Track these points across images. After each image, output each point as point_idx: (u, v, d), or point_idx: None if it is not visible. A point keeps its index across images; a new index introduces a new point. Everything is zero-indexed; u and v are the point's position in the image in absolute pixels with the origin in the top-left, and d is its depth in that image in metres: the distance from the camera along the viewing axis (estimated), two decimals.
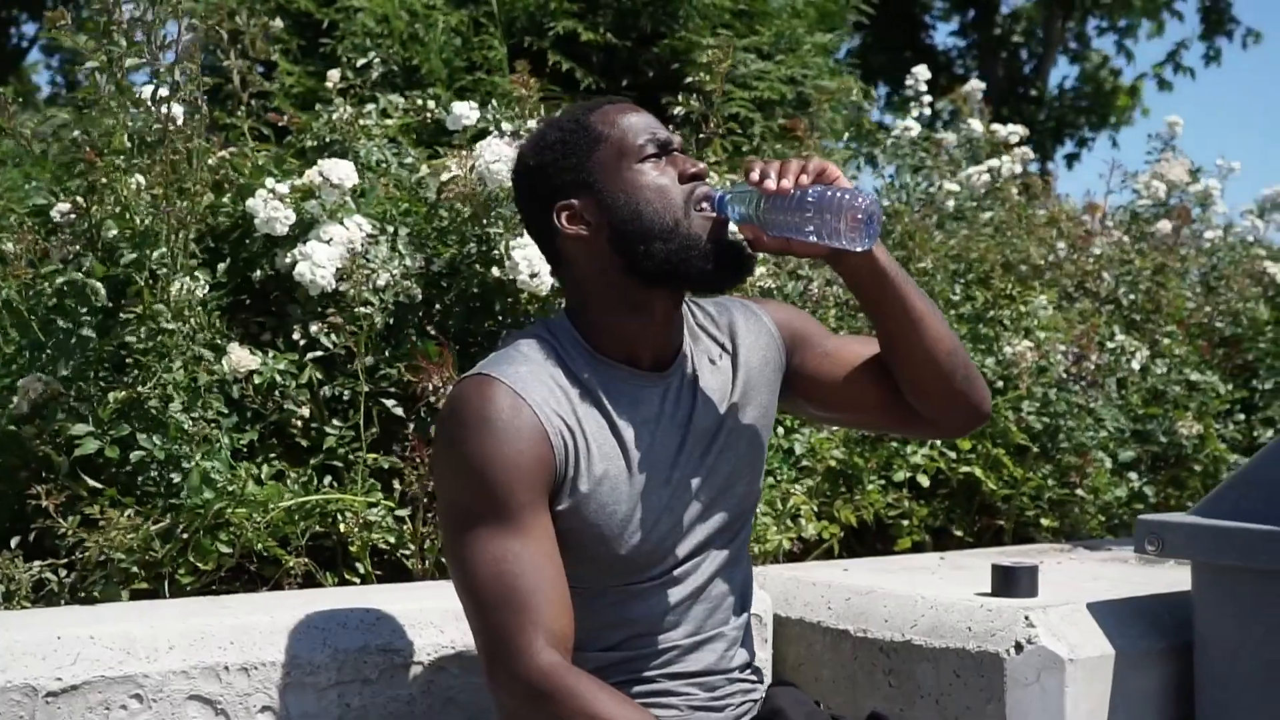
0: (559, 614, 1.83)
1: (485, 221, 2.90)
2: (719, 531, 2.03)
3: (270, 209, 2.73)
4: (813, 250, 1.91)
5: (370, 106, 3.54)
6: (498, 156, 2.80)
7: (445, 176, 2.92)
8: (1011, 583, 2.69)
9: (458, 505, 1.87)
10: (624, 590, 1.96)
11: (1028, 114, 14.55)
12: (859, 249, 1.86)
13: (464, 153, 2.96)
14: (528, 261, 2.84)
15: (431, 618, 2.41)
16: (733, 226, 1.96)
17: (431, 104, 3.72)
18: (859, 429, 3.44)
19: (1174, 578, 2.91)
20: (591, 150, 1.94)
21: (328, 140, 3.45)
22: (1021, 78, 15.75)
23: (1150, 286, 4.80)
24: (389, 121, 3.55)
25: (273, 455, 2.80)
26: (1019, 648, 2.51)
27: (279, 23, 3.82)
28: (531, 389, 1.88)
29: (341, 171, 2.84)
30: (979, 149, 5.35)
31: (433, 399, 2.68)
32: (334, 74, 3.61)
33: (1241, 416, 4.59)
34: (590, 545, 1.91)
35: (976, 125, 5.42)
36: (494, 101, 3.27)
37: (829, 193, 1.85)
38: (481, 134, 3.13)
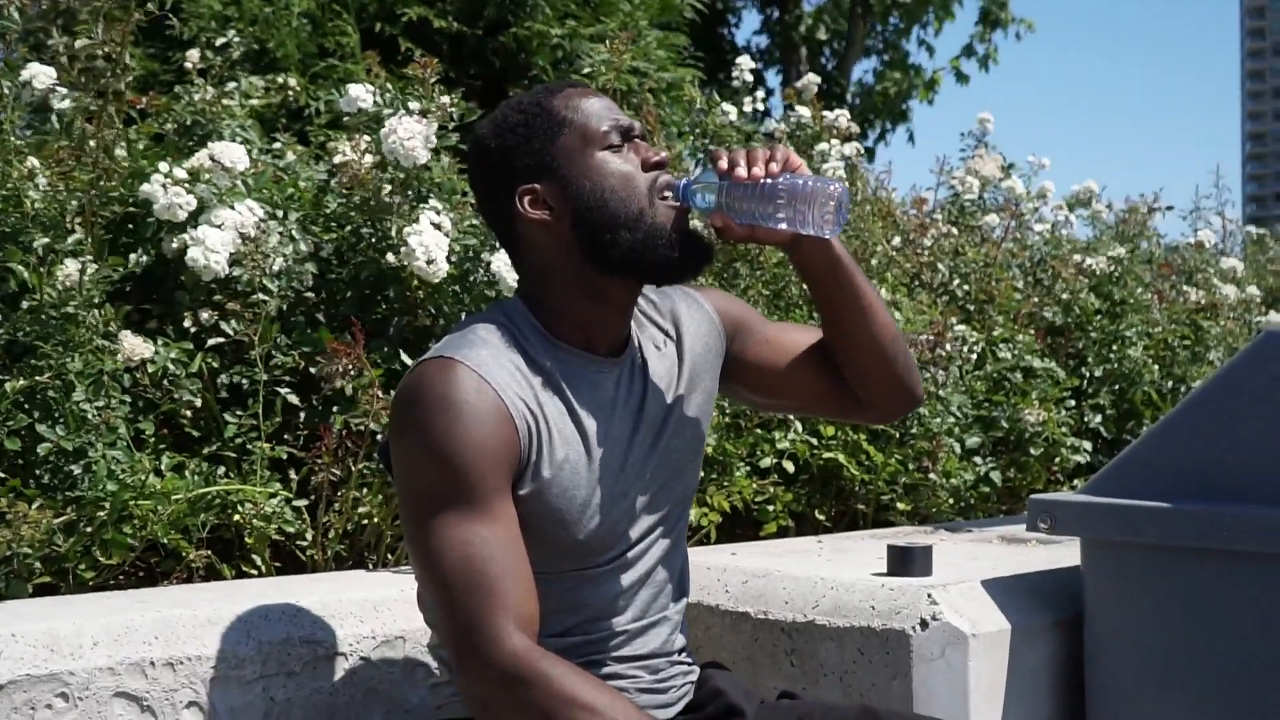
0: (527, 598, 1.82)
1: (377, 205, 2.86)
2: (665, 516, 2.05)
3: (171, 194, 2.65)
4: (776, 238, 1.94)
5: (232, 85, 3.46)
6: (411, 134, 2.76)
7: (339, 159, 2.86)
8: (908, 562, 2.76)
9: (422, 490, 1.84)
10: (578, 575, 1.97)
11: (818, 107, 14.80)
12: (828, 235, 1.90)
13: (360, 136, 2.91)
14: (424, 248, 2.81)
15: (350, 608, 2.38)
16: (695, 215, 1.98)
17: (294, 84, 3.65)
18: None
19: (1048, 555, 3.04)
20: (555, 135, 1.93)
21: (189, 123, 3.36)
22: (825, 75, 16.09)
23: (982, 278, 4.98)
24: (253, 102, 3.47)
25: (162, 446, 2.72)
26: (924, 624, 2.58)
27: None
28: (494, 372, 1.87)
29: (233, 154, 2.77)
30: (809, 138, 5.44)
31: (340, 383, 2.64)
32: (193, 54, 3.51)
33: (1072, 403, 4.79)
34: (550, 530, 1.91)
35: (805, 111, 5.50)
36: (388, 84, 3.22)
37: (800, 181, 1.88)
38: (373, 119, 3.09)
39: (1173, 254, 6.34)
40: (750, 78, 5.41)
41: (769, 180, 1.88)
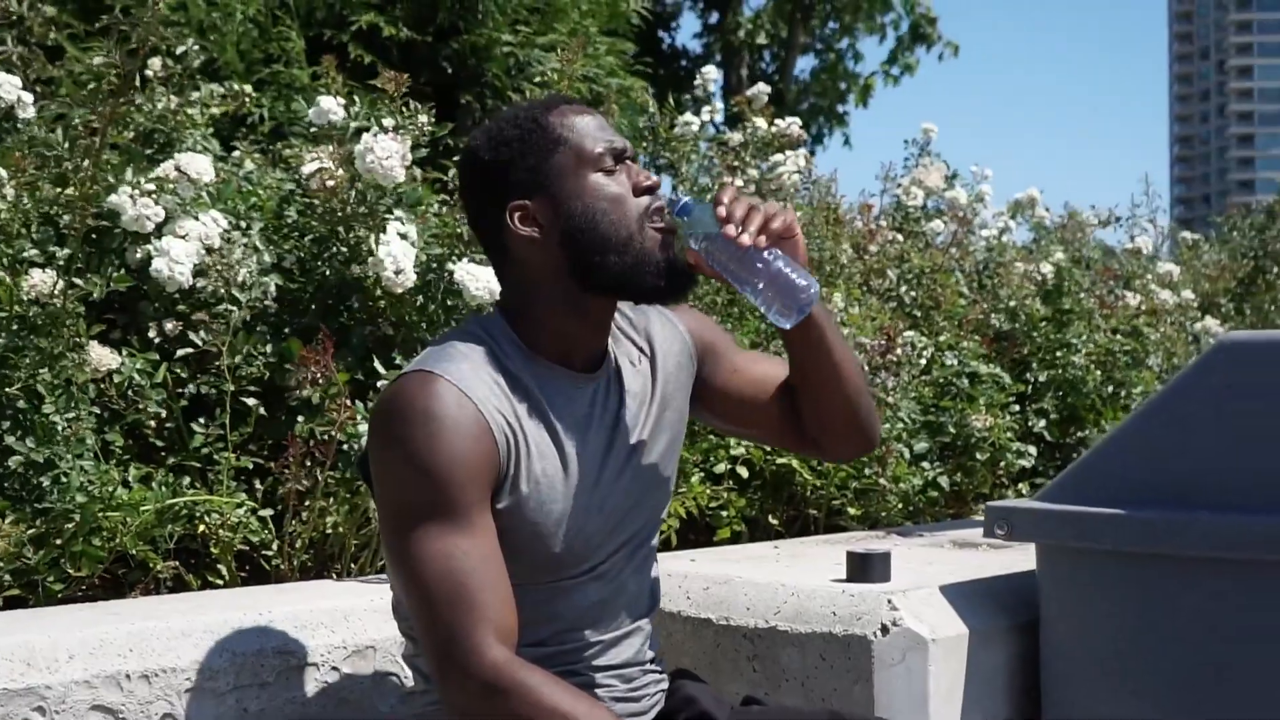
0: (506, 610, 1.85)
1: (347, 215, 2.87)
2: (639, 529, 2.08)
3: (140, 205, 2.65)
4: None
5: (196, 96, 3.46)
6: (389, 153, 2.78)
7: (309, 169, 2.87)
8: (867, 569, 2.81)
9: (403, 502, 1.86)
10: (553, 586, 1.99)
11: (769, 115, 14.92)
12: (786, 326, 1.92)
13: (331, 147, 2.92)
14: (392, 258, 2.83)
15: (321, 618, 2.40)
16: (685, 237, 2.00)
17: (249, 91, 3.65)
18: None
19: (1001, 560, 3.10)
20: (550, 152, 1.95)
21: (149, 131, 3.36)
22: (765, 79, 16.20)
23: (929, 284, 5.05)
24: (213, 111, 3.47)
25: (127, 457, 2.73)
26: (885, 630, 2.63)
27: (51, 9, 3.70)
28: (474, 386, 1.89)
29: (198, 165, 2.78)
30: (764, 148, 5.50)
31: (308, 392, 2.65)
32: (155, 62, 3.51)
33: (1016, 408, 4.86)
34: (525, 543, 1.93)
35: (761, 122, 5.56)
36: (355, 96, 3.23)
37: (780, 267, 1.89)
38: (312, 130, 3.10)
39: (1110, 259, 6.45)
40: (712, 87, 5.47)
41: (755, 250, 1.89)
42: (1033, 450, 4.68)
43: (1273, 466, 2.47)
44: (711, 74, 5.54)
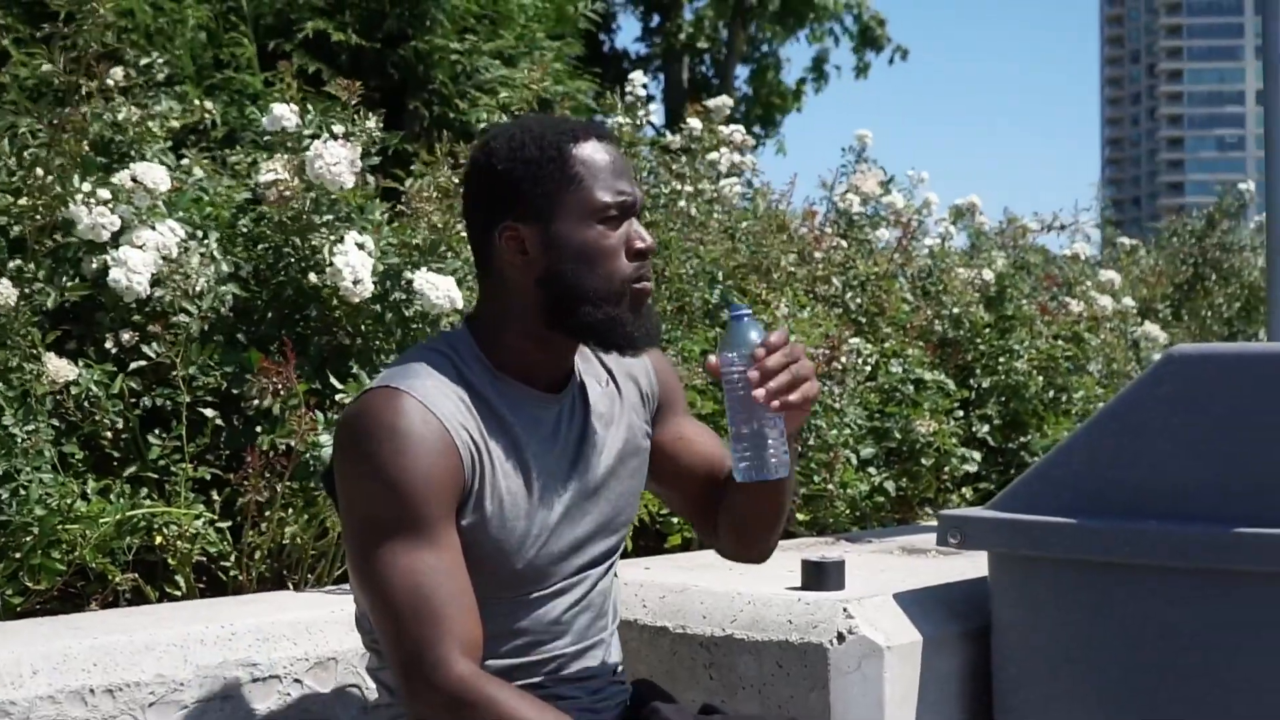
0: (472, 624, 1.86)
1: (304, 224, 2.87)
2: (603, 547, 2.10)
3: (96, 215, 2.64)
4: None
5: (159, 109, 3.44)
6: (337, 159, 2.78)
7: (265, 179, 2.87)
8: (822, 577, 2.85)
9: (369, 517, 1.87)
10: (517, 601, 2.01)
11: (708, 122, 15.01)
12: (736, 478, 1.96)
13: (285, 156, 2.91)
14: (350, 268, 2.83)
15: (284, 630, 2.40)
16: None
17: (210, 107, 3.64)
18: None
19: (951, 566, 3.14)
20: (560, 188, 1.93)
21: (107, 141, 3.34)
22: (705, 83, 16.27)
23: (874, 290, 5.10)
24: (173, 124, 3.46)
25: (83, 468, 2.71)
26: (841, 638, 2.66)
27: None
28: (439, 403, 1.90)
29: (155, 175, 2.77)
30: (704, 149, 5.52)
31: (268, 402, 2.65)
32: (117, 71, 3.49)
33: (960, 413, 4.92)
34: (489, 559, 1.94)
35: (696, 123, 5.58)
36: (309, 104, 3.22)
37: (769, 434, 1.91)
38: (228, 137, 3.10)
39: (1051, 265, 6.53)
40: (643, 91, 5.47)
41: (759, 408, 1.90)
42: (977, 455, 4.74)
43: (1221, 476, 2.53)
44: (640, 79, 5.52)
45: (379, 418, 1.87)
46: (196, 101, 3.49)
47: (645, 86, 5.64)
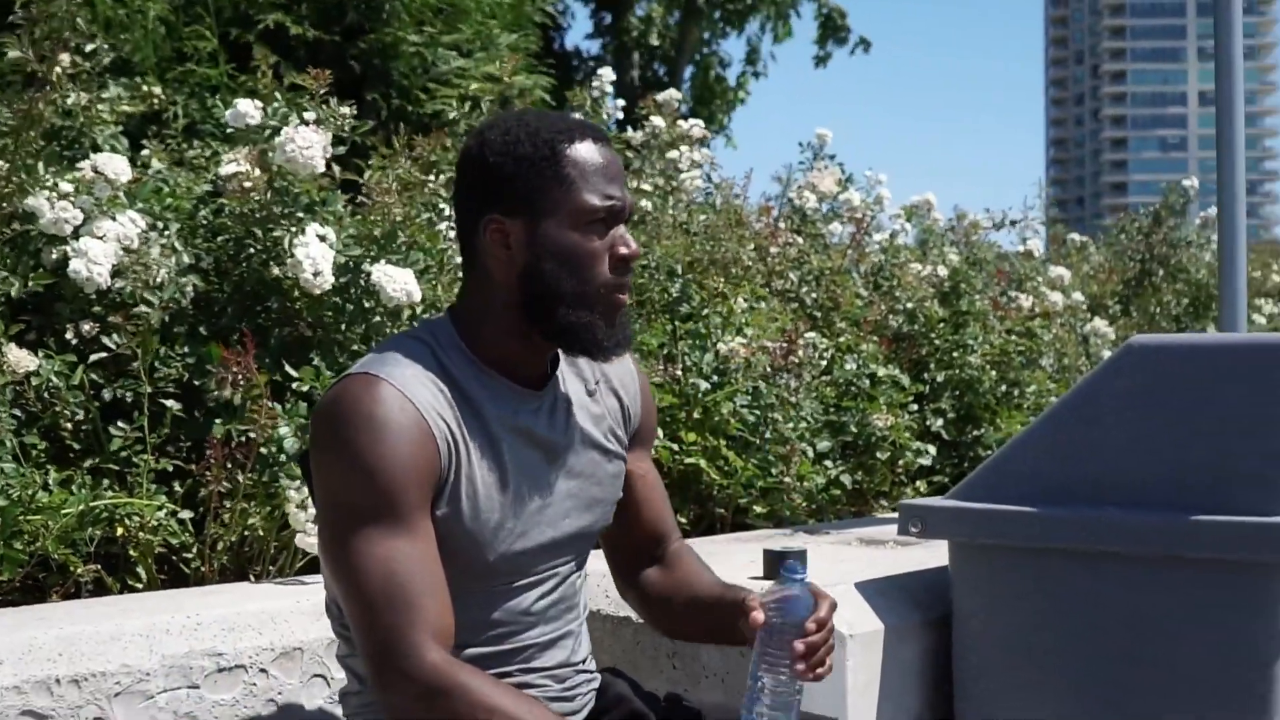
0: (444, 613, 1.86)
1: (265, 216, 2.86)
2: (577, 541, 2.10)
3: (59, 209, 2.61)
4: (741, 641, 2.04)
5: (107, 96, 3.41)
6: (310, 143, 2.76)
7: (227, 171, 2.85)
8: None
9: (345, 504, 1.86)
10: (489, 592, 2.00)
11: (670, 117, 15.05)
12: (741, 714, 1.97)
13: (249, 148, 2.90)
14: (311, 260, 2.82)
15: (249, 620, 2.39)
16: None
17: (159, 92, 3.61)
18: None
19: (910, 556, 3.17)
20: (549, 187, 1.92)
21: (58, 129, 3.31)
22: (657, 82, 16.29)
23: (828, 285, 5.13)
24: (124, 108, 3.43)
25: (43, 459, 2.69)
26: None
27: None
28: (417, 391, 1.89)
29: (116, 166, 2.75)
30: (663, 145, 5.54)
31: (229, 393, 2.64)
32: (64, 58, 3.45)
33: (915, 407, 4.96)
34: (462, 550, 1.94)
35: (659, 121, 5.60)
36: (277, 94, 3.20)
37: (787, 697, 1.94)
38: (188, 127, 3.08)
39: (1003, 261, 6.59)
40: (610, 88, 5.48)
41: (786, 675, 1.92)
42: (932, 449, 4.78)
43: (1179, 465, 2.56)
44: (608, 75, 5.54)
45: (357, 405, 1.86)
46: (145, 87, 3.44)
47: (613, 84, 5.66)
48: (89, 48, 3.44)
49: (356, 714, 2.05)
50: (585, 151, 1.95)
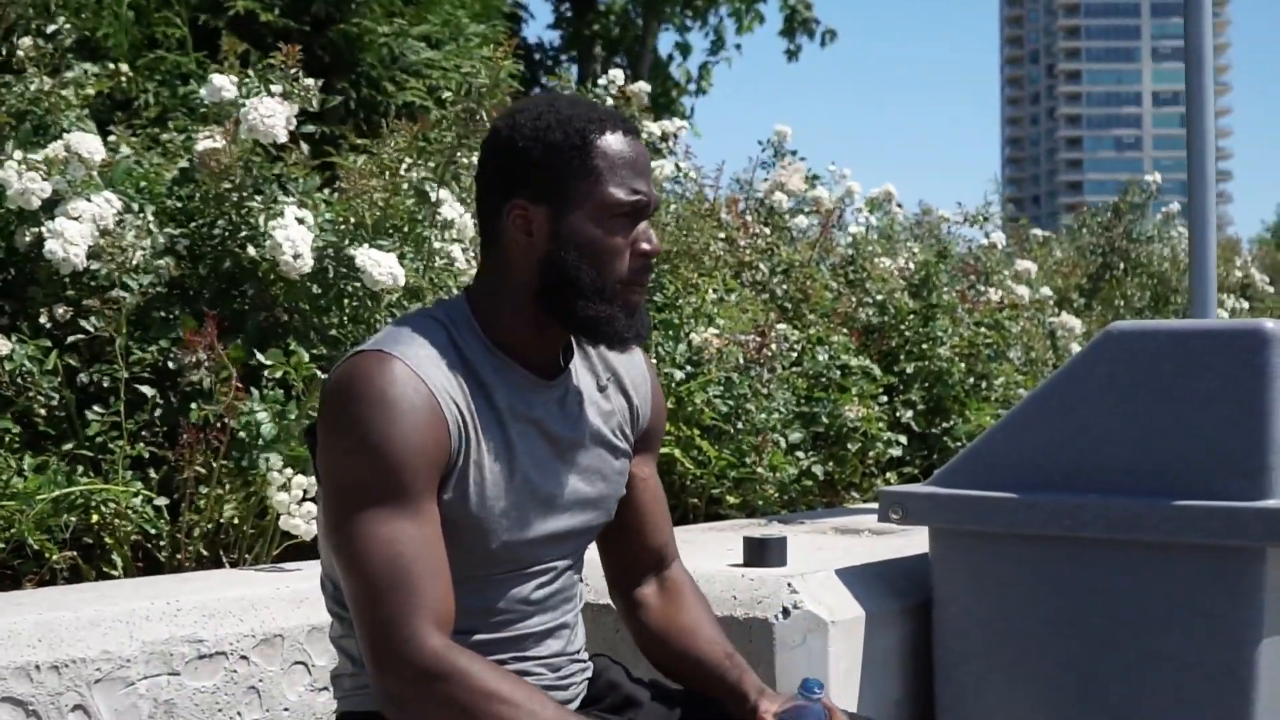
0: (446, 597, 1.83)
1: (239, 197, 2.83)
2: (580, 535, 2.07)
3: (26, 180, 2.57)
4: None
5: (70, 75, 3.37)
6: (272, 112, 2.73)
7: (202, 146, 2.82)
8: (764, 553, 2.86)
9: (351, 484, 1.81)
10: (488, 579, 1.98)
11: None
12: None
13: (222, 126, 2.87)
14: (290, 242, 2.79)
15: (229, 606, 2.37)
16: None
17: (125, 70, 3.57)
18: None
19: (887, 544, 3.17)
20: (576, 177, 1.89)
21: (22, 113, 3.27)
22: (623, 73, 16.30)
23: (799, 277, 5.14)
24: (88, 91, 3.39)
25: (16, 445, 2.66)
26: (786, 613, 2.68)
27: None
28: (430, 372, 1.85)
29: (90, 145, 2.71)
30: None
31: (198, 375, 2.60)
32: (25, 41, 3.41)
33: (885, 398, 4.97)
34: (465, 535, 1.91)
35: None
36: (249, 74, 3.16)
37: None
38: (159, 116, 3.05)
39: (969, 255, 6.61)
40: (614, 89, 5.44)
41: None
42: (903, 439, 4.80)
43: (1159, 450, 2.57)
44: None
45: (368, 382, 1.82)
46: (111, 66, 3.40)
47: (572, 80, 5.64)
48: (50, 29, 3.40)
49: (349, 696, 2.02)
50: (615, 143, 1.92)
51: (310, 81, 3.05)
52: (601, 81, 5.50)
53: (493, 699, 1.78)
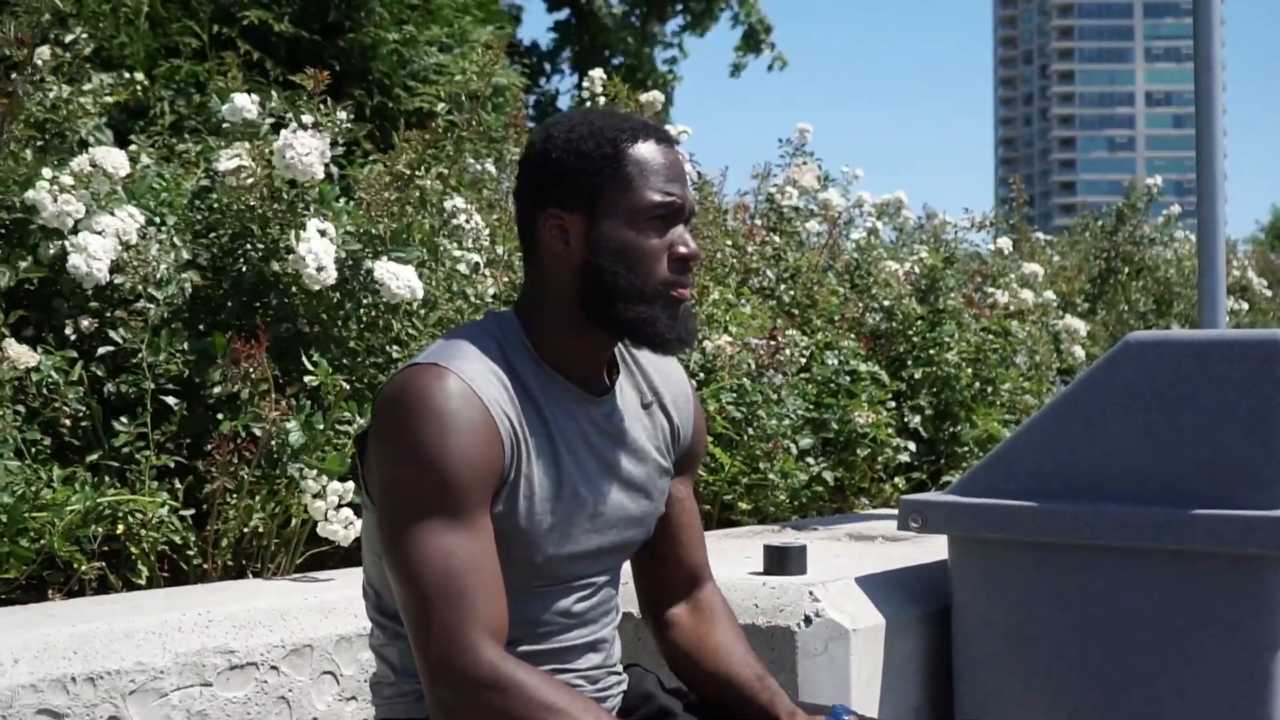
0: (500, 610, 1.84)
1: (266, 212, 2.85)
2: (621, 550, 2.09)
3: (62, 202, 2.59)
4: None
5: (89, 87, 3.38)
6: (308, 149, 2.76)
7: (227, 165, 2.84)
8: (785, 561, 2.88)
9: (407, 497, 1.83)
10: (533, 591, 1.99)
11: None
12: None
13: (251, 144, 2.89)
14: (314, 255, 2.81)
15: (259, 617, 2.39)
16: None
17: (140, 78, 3.59)
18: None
19: (902, 552, 3.20)
20: (610, 185, 1.92)
21: (41, 122, 3.29)
22: (617, 72, 16.35)
23: (806, 283, 5.16)
24: (107, 99, 3.40)
25: (43, 456, 2.67)
26: (808, 621, 2.70)
27: None
28: (484, 386, 1.87)
29: (115, 160, 2.73)
30: None
31: (236, 387, 2.62)
32: (44, 50, 3.42)
33: (893, 404, 4.99)
34: (511, 549, 1.92)
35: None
36: (274, 93, 3.19)
37: None
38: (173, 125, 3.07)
39: (975, 259, 6.64)
40: (600, 88, 5.46)
41: None
42: (911, 445, 4.82)
43: (1175, 459, 2.60)
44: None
45: (425, 397, 1.84)
46: (127, 75, 3.42)
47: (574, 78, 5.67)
48: (68, 38, 3.41)
49: (389, 703, 2.03)
50: (647, 151, 1.94)
51: (342, 115, 3.06)
52: (584, 83, 5.53)
53: (551, 711, 1.79)
